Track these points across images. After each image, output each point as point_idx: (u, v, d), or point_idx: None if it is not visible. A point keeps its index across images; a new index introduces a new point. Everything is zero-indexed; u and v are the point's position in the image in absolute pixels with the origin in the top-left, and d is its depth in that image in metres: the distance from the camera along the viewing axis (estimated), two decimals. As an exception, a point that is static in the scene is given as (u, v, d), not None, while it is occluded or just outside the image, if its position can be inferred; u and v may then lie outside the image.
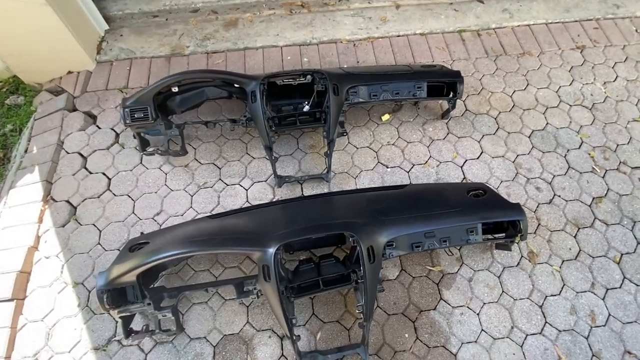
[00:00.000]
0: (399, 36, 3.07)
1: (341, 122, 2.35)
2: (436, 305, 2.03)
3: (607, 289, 2.07)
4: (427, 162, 2.48)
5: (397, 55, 2.96)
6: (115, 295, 1.77)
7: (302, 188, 2.39)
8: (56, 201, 2.37)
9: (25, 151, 2.63)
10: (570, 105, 2.71)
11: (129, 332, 1.86)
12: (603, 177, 2.42)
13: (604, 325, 1.98)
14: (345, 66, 2.88)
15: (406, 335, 1.96)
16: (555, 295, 2.06)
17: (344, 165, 2.48)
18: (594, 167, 2.45)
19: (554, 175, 2.42)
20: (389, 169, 2.46)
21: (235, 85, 2.32)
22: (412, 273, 2.12)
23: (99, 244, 2.23)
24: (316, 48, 3.01)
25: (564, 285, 2.08)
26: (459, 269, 2.13)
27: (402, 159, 2.50)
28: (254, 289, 1.84)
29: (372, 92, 2.33)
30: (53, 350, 1.96)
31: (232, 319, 2.02)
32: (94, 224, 2.29)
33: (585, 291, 2.07)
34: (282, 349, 1.94)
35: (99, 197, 2.38)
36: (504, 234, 2.02)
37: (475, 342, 1.94)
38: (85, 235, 2.26)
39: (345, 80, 2.27)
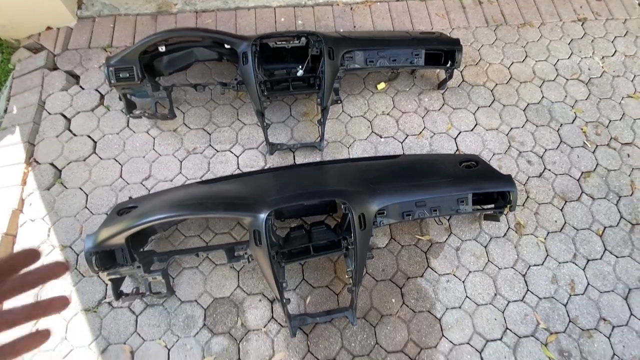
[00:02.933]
0: (398, 1, 2.94)
1: (336, 89, 2.29)
2: (423, 273, 2.08)
3: (588, 260, 2.14)
4: (421, 132, 2.46)
5: (395, 21, 2.86)
6: (104, 258, 1.75)
7: (294, 156, 2.36)
8: (40, 163, 2.29)
9: (5, 111, 2.52)
10: (567, 79, 2.68)
11: (119, 294, 1.86)
12: (593, 152, 2.44)
13: (582, 294, 2.06)
14: (341, 30, 2.77)
15: (393, 300, 2.02)
16: (538, 265, 2.12)
17: (338, 134, 2.44)
18: (585, 142, 2.47)
19: (546, 149, 2.43)
20: (382, 139, 2.43)
21: (226, 46, 2.21)
22: (402, 242, 2.15)
23: (86, 207, 2.19)
24: (311, 10, 2.88)
25: (547, 255, 2.15)
26: (447, 239, 2.16)
27: (397, 129, 2.47)
28: (245, 254, 1.85)
29: (369, 58, 2.25)
30: (43, 311, 1.96)
31: (223, 283, 2.04)
32: (80, 188, 2.24)
33: (567, 262, 2.13)
34: (272, 312, 1.98)
35: (84, 160, 2.32)
36: (493, 205, 2.04)
37: (460, 307, 2.01)
38: (72, 198, 2.21)
39: (341, 44, 2.18)
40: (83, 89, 2.53)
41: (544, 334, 1.96)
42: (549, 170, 2.37)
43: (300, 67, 2.29)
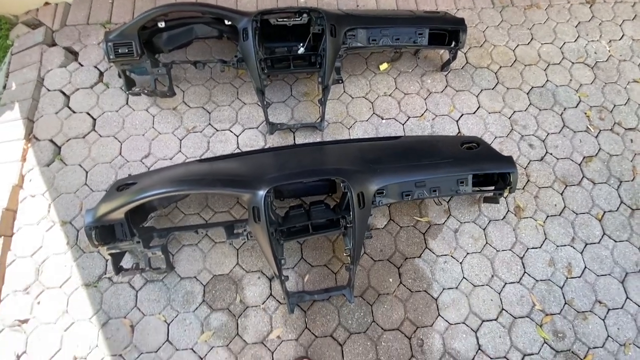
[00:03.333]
0: (402, -20, 2.87)
1: (337, 68, 2.26)
2: (421, 254, 2.09)
3: (586, 244, 2.15)
4: (423, 115, 2.43)
5: (399, 1, 2.80)
6: (104, 233, 1.76)
7: (294, 136, 2.34)
8: (39, 140, 2.29)
9: (4, 87, 2.50)
10: (573, 63, 2.64)
11: (119, 269, 1.88)
12: (596, 137, 2.41)
13: (579, 277, 2.07)
14: (344, 8, 2.71)
15: (390, 279, 2.03)
16: (536, 248, 2.13)
17: (338, 115, 2.42)
18: (588, 126, 2.44)
19: (548, 133, 2.41)
20: (384, 121, 2.41)
21: (226, 23, 2.17)
22: (400, 223, 2.15)
23: (85, 184, 2.19)
24: (314, -11, 2.82)
25: (545, 239, 2.15)
26: (445, 220, 2.16)
27: (398, 110, 2.44)
28: (244, 231, 1.86)
29: (372, 37, 2.21)
30: (44, 285, 1.98)
31: (222, 261, 2.05)
32: (79, 165, 2.24)
33: (565, 245, 2.14)
34: (270, 289, 2.00)
35: (84, 137, 2.31)
36: (493, 187, 2.03)
37: (456, 288, 2.03)
38: (71, 175, 2.21)
39: (343, 21, 2.14)
40: (82, 65, 2.50)
41: (539, 315, 1.98)
42: (551, 154, 2.35)
43: (301, 44, 2.25)
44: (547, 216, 2.20)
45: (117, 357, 1.87)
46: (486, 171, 1.91)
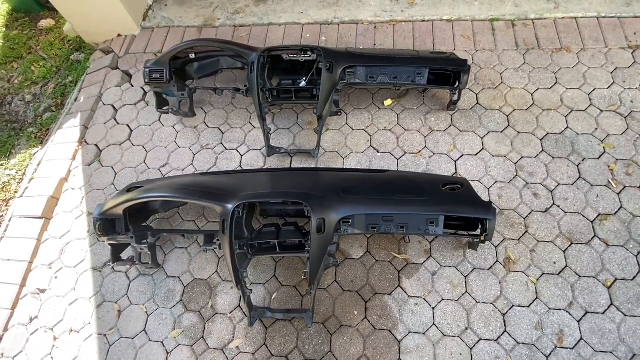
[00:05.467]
0: (423, 21, 2.95)
1: (336, 102, 2.39)
2: (392, 291, 2.04)
3: (587, 312, 1.89)
4: (420, 152, 2.42)
5: (417, 41, 2.87)
6: (107, 225, 2.07)
7: (291, 161, 2.50)
8: (88, 144, 2.78)
9: (75, 100, 3.10)
10: (602, 111, 2.41)
11: (116, 259, 2.17)
12: (618, 194, 2.15)
13: (571, 348, 1.82)
14: (361, 47, 2.87)
15: (355, 312, 2.01)
16: (523, 306, 1.93)
17: (336, 144, 2.52)
18: (610, 181, 2.19)
19: (559, 184, 2.21)
20: (379, 154, 2.45)
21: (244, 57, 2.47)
22: (377, 256, 2.14)
23: (112, 184, 2.59)
24: (336, 28, 3.03)
25: (536, 298, 1.94)
26: (425, 261, 2.09)
27: (395, 145, 2.47)
28: (217, 240, 2.03)
29: (370, 74, 2.32)
30: (63, 263, 2.36)
31: (204, 266, 2.24)
32: (112, 167, 2.66)
33: (559, 309, 1.91)
34: (239, 301, 2.11)
35: (120, 145, 2.74)
36: (469, 232, 1.93)
37: (424, 334, 1.93)
38: (104, 175, 2.63)
39: (342, 59, 2.29)
40: (132, 86, 3.00)
41: (515, 382, 1.78)
42: (558, 206, 2.15)
43: (304, 78, 2.44)
44: (543, 274, 2.00)
45: (102, 337, 2.12)
46: (459, 214, 1.84)
